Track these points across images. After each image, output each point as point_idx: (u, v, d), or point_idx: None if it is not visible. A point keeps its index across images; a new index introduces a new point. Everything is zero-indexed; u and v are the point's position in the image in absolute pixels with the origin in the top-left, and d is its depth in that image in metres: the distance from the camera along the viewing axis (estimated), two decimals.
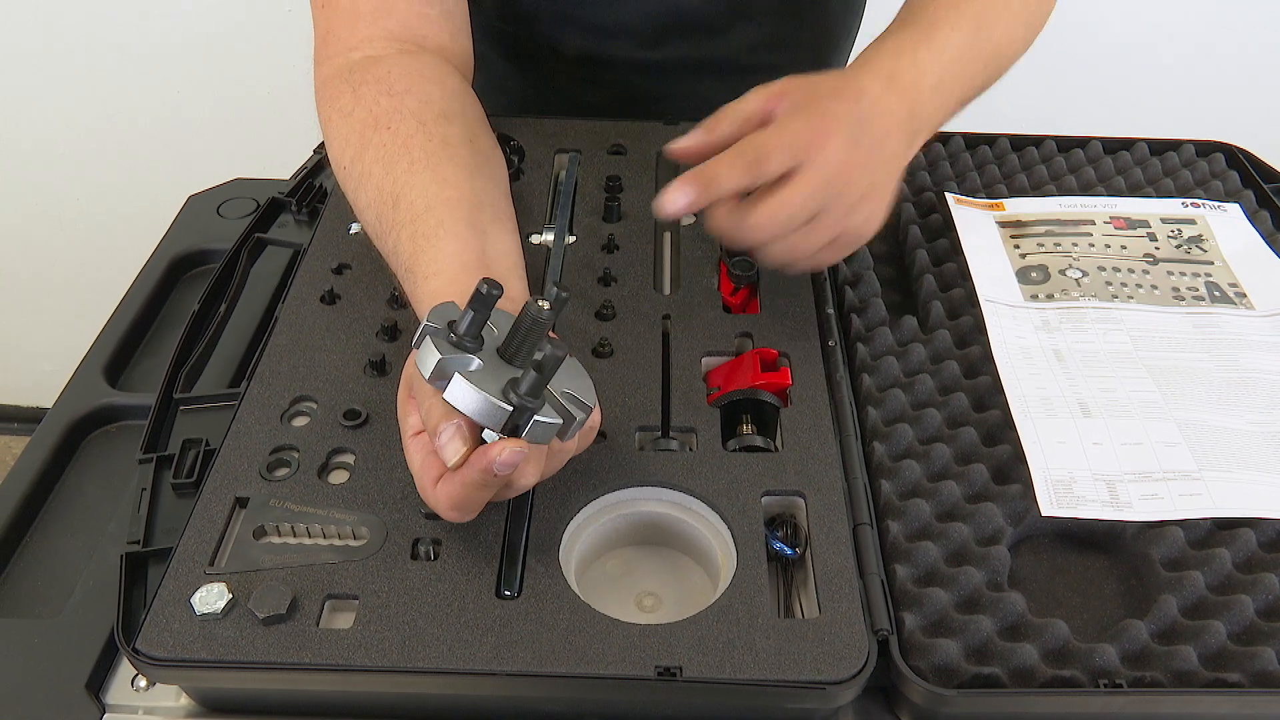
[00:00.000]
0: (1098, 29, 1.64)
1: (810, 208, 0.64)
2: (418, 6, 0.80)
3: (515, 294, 0.63)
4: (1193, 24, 1.65)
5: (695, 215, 0.84)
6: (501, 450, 0.52)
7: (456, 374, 0.52)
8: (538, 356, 0.52)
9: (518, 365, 0.55)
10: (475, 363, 0.53)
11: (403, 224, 0.67)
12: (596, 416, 0.59)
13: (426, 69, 0.77)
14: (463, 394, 0.52)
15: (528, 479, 0.56)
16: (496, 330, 0.56)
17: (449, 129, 0.73)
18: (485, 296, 0.52)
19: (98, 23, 1.63)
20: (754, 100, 0.68)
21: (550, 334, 0.57)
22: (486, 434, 0.55)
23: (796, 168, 0.63)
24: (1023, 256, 0.84)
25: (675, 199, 0.65)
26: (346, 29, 0.78)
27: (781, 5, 0.96)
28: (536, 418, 0.53)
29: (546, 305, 0.53)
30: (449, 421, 0.54)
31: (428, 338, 0.53)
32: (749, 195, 0.66)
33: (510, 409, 0.52)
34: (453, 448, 0.54)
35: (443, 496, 0.55)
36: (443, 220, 0.66)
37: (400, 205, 0.68)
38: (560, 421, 0.54)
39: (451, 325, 0.54)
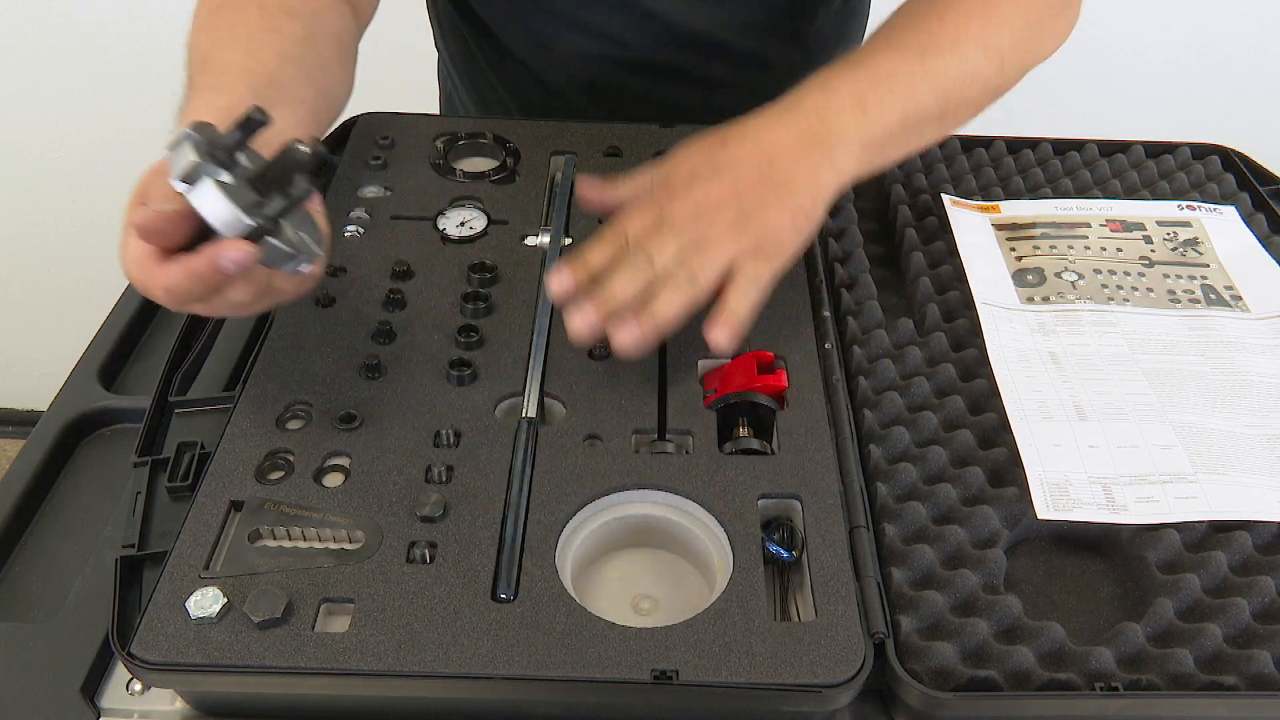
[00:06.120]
0: (1094, 31, 1.63)
1: (652, 226, 0.64)
2: None
3: None
4: (1190, 26, 1.65)
5: None
6: (233, 247, 0.55)
7: (207, 178, 0.55)
8: (293, 191, 0.56)
9: (263, 195, 0.58)
10: (225, 176, 0.56)
11: (199, 79, 0.69)
12: (319, 267, 0.64)
13: None
14: (210, 198, 0.55)
15: (238, 294, 0.59)
16: (250, 166, 0.59)
17: (285, 21, 0.74)
18: (251, 121, 0.56)
19: (93, 26, 1.63)
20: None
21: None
22: None
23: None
24: (1019, 259, 0.84)
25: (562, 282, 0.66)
26: None
27: (766, 22, 0.96)
28: (270, 239, 0.56)
29: (307, 149, 0.57)
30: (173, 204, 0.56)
31: (186, 142, 0.56)
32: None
33: (251, 224, 0.56)
34: (146, 211, 0.56)
35: (162, 278, 0.57)
36: (232, 82, 0.67)
37: (205, 66, 0.70)
38: (292, 252, 0.58)
39: (211, 140, 0.56)
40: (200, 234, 0.57)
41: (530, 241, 0.81)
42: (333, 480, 0.63)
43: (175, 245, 0.57)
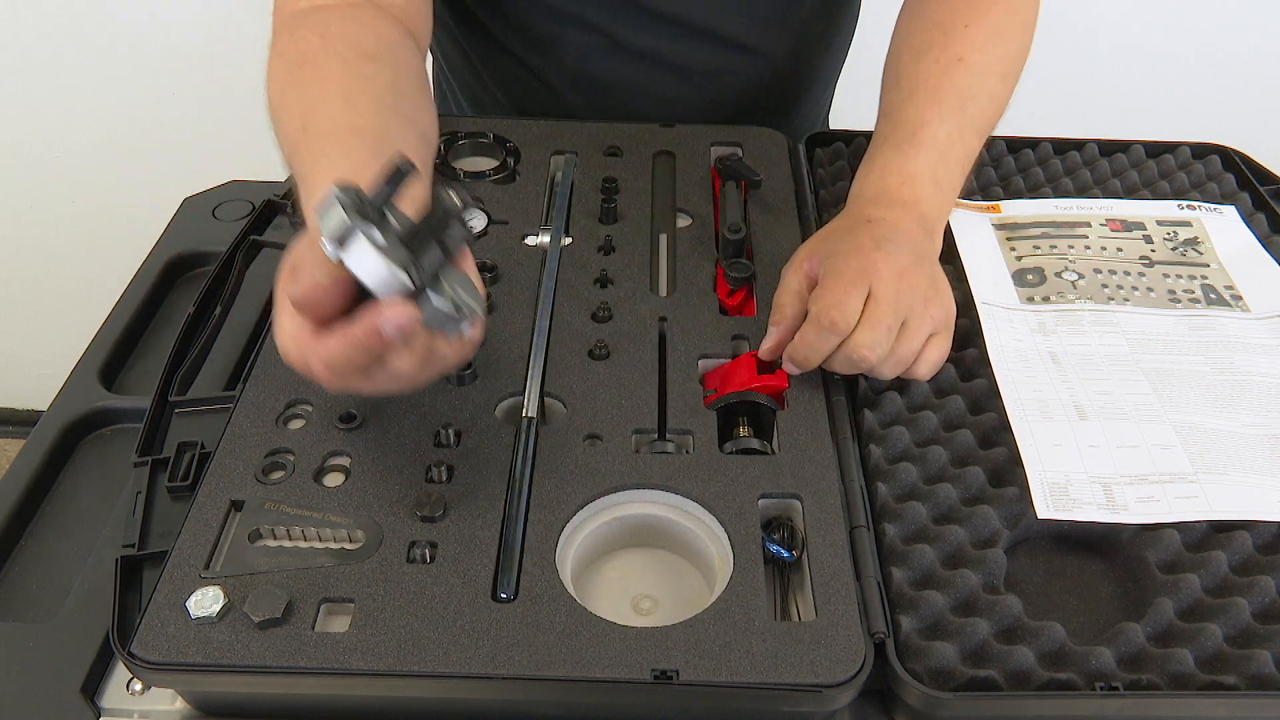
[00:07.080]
0: (1095, 31, 1.64)
1: (895, 314, 0.68)
2: None
3: None
4: (1190, 26, 1.65)
5: (691, 218, 0.85)
6: (393, 308, 0.51)
7: (360, 235, 0.51)
8: (448, 241, 0.52)
9: (416, 252, 0.52)
10: (377, 234, 0.51)
11: (308, 146, 0.66)
12: (479, 332, 0.58)
13: (366, 18, 0.77)
14: (366, 257, 0.51)
15: (402, 363, 0.55)
16: (396, 224, 0.54)
17: (371, 67, 0.73)
18: (399, 172, 0.52)
19: (93, 26, 1.63)
20: (795, 276, 0.72)
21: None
22: None
23: (869, 298, 0.68)
24: (1019, 259, 0.84)
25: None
26: None
27: (754, 7, 0.96)
28: (431, 297, 0.52)
29: (455, 197, 0.52)
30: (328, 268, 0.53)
31: (334, 201, 0.51)
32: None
33: (410, 281, 0.51)
34: (301, 282, 0.53)
35: (321, 351, 0.54)
36: (346, 143, 0.65)
37: (309, 130, 0.67)
38: (453, 311, 0.52)
39: (359, 197, 0.52)
40: (356, 301, 0.53)
41: (530, 241, 0.81)
42: (333, 480, 0.63)
43: (332, 315, 0.54)
